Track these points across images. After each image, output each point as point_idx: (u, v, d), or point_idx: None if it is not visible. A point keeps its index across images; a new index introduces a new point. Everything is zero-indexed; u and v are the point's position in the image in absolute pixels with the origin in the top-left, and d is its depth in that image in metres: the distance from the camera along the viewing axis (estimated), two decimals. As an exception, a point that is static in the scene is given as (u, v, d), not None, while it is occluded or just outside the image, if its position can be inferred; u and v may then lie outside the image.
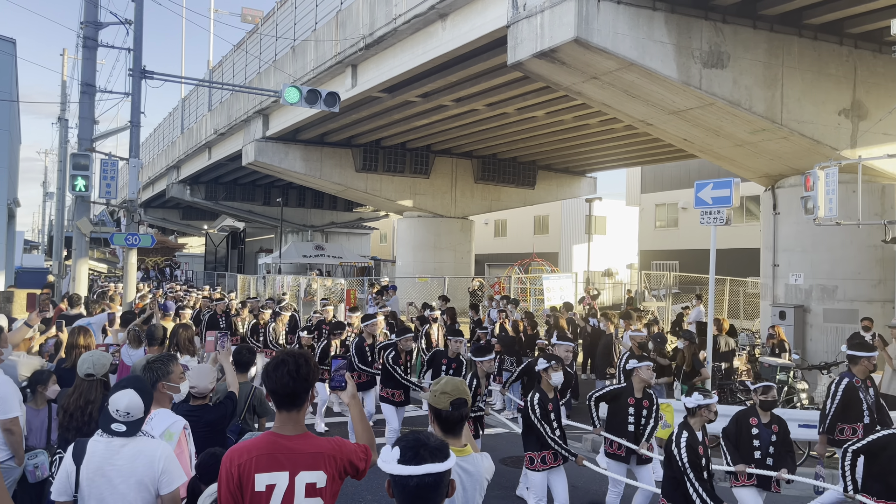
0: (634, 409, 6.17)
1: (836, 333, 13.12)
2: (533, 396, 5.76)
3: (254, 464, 2.61)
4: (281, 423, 2.74)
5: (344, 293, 18.24)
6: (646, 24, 11.12)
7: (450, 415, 3.00)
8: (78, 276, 12.63)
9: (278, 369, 2.70)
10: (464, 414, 3.02)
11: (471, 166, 27.65)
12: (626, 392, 6.28)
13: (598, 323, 11.55)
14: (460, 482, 2.82)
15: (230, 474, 2.62)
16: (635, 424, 6.16)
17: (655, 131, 14.27)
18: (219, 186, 38.01)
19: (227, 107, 26.61)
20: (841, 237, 12.92)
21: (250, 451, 2.65)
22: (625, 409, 6.20)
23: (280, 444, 2.68)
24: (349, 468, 2.76)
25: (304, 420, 2.81)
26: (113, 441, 3.19)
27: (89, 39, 12.64)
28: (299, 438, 2.71)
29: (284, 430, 2.72)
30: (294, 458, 2.65)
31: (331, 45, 18.37)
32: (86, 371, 4.24)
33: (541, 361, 5.91)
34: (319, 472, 2.66)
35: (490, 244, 40.57)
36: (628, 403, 6.21)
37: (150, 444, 3.21)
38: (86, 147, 12.36)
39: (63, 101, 27.77)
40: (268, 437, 2.72)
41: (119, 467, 3.12)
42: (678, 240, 32.13)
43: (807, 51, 12.51)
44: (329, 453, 2.70)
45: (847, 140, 12.70)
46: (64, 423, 4.14)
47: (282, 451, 2.65)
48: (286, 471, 2.62)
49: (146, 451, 3.17)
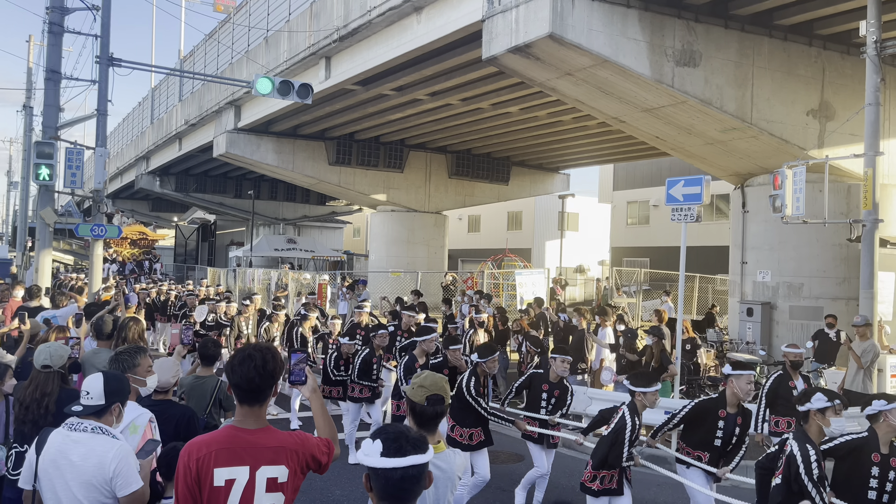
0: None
1: (802, 330, 13.36)
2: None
3: (213, 458, 2.54)
4: (242, 417, 2.67)
5: (316, 288, 18.09)
6: (620, 22, 11.17)
7: (424, 410, 2.97)
8: (41, 267, 12.33)
9: (244, 364, 2.63)
10: (439, 411, 2.98)
11: (445, 161, 27.61)
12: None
13: (569, 318, 11.60)
14: (435, 477, 2.79)
15: (188, 468, 2.55)
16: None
17: (628, 129, 14.37)
18: (189, 178, 37.46)
19: (199, 97, 26.22)
20: (807, 236, 13.14)
21: (209, 444, 2.58)
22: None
23: (241, 437, 2.61)
24: (311, 462, 2.71)
25: (266, 413, 2.75)
26: (70, 435, 3.10)
27: (55, 25, 12.34)
28: (261, 432, 2.65)
29: (245, 424, 2.66)
30: (255, 452, 2.59)
31: (304, 37, 18.18)
32: (42, 362, 4.12)
33: None
34: (281, 466, 2.60)
35: (464, 239, 40.58)
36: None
37: (104, 445, 3.06)
38: (50, 135, 12.06)
39: (29, 88, 27.14)
40: (228, 431, 2.65)
41: (72, 463, 3.02)
42: (649, 237, 32.44)
43: (777, 51, 12.68)
44: (291, 447, 2.65)
45: (815, 140, 12.90)
46: (20, 416, 4.01)
47: (242, 446, 2.59)
48: (246, 465, 2.56)
49: (98, 451, 3.03)
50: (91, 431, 3.10)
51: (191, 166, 35.07)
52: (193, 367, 5.54)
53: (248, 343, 2.87)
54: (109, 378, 3.23)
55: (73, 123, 13.30)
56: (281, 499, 2.62)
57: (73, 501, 3.04)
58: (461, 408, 6.12)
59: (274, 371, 2.67)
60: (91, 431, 3.10)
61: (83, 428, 3.11)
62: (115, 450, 3.04)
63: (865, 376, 9.38)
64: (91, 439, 3.07)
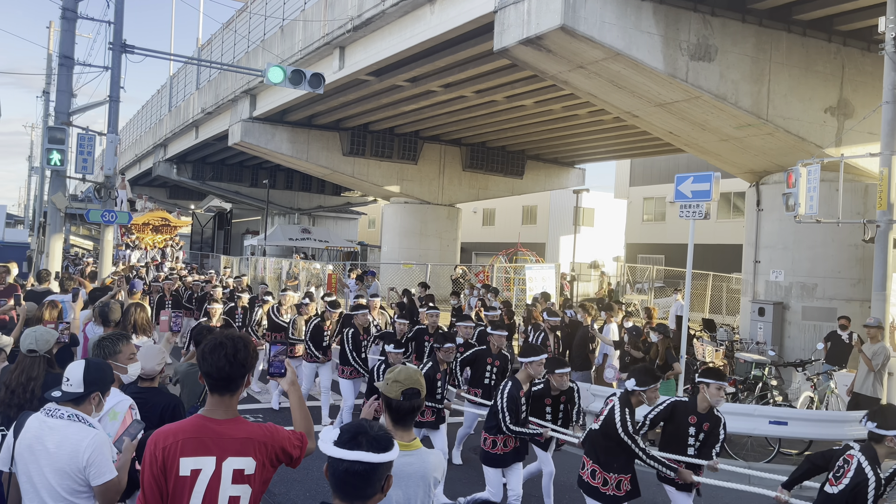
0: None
1: (815, 331, 13.15)
2: None
3: (179, 447, 2.51)
4: (212, 407, 2.64)
5: (325, 278, 18.10)
6: (633, 14, 11.01)
7: (401, 405, 2.91)
8: (52, 251, 12.44)
9: (215, 352, 2.59)
10: (416, 405, 2.93)
11: (459, 154, 27.50)
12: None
13: (575, 314, 11.49)
14: (403, 477, 2.73)
15: (154, 457, 2.52)
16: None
17: (642, 123, 14.19)
18: (206, 166, 37.66)
19: (215, 86, 26.29)
20: (822, 235, 12.91)
21: (176, 434, 2.55)
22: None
23: (209, 427, 2.58)
24: (282, 455, 2.66)
25: (237, 404, 2.71)
26: (47, 421, 3.08)
27: (68, 11, 12.40)
28: (229, 423, 2.61)
29: (215, 415, 2.62)
30: (222, 443, 2.55)
31: (319, 26, 18.14)
32: (28, 346, 4.12)
33: None
34: (248, 458, 2.56)
35: (478, 232, 40.48)
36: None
37: (79, 433, 3.04)
38: (62, 121, 12.14)
39: (48, 73, 27.32)
40: (196, 421, 2.62)
41: (46, 450, 3.01)
42: (665, 234, 32.16)
43: (795, 47, 12.43)
44: (260, 440, 2.60)
45: (832, 138, 12.66)
46: (6, 400, 4.00)
47: (210, 436, 2.55)
48: (213, 456, 2.52)
49: (73, 439, 3.01)
50: (67, 419, 3.08)
51: (207, 154, 35.24)
52: (190, 354, 5.52)
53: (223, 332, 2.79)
54: (91, 366, 3.20)
55: (85, 109, 13.37)
56: (248, 491, 2.58)
57: (47, 487, 3.03)
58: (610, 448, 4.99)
59: (245, 360, 2.63)
60: (67, 419, 3.08)
61: (60, 415, 3.09)
62: (89, 438, 3.02)
63: (876, 379, 9.21)
64: (66, 426, 3.05)
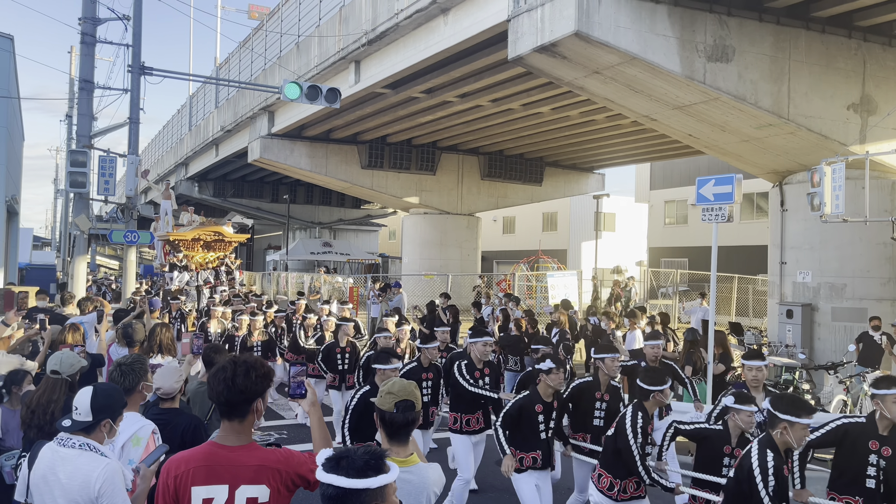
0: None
1: (845, 333, 12.86)
2: None
3: (191, 476, 2.48)
4: (224, 433, 2.60)
5: (347, 291, 18.12)
6: (648, 18, 10.91)
7: (394, 418, 2.83)
8: (76, 273, 12.58)
9: (216, 377, 2.56)
10: (410, 418, 2.85)
11: (477, 163, 27.47)
12: None
13: (598, 321, 11.37)
14: (402, 494, 2.66)
15: (166, 486, 2.49)
16: None
17: (660, 127, 14.05)
18: (227, 183, 38.04)
19: (234, 104, 26.58)
20: (850, 234, 12.65)
21: (188, 462, 2.52)
22: None
23: (220, 455, 2.53)
24: (298, 480, 2.60)
25: (251, 430, 2.66)
26: (59, 451, 3.04)
27: (87, 35, 12.59)
28: (242, 450, 2.57)
29: (227, 441, 2.58)
30: (235, 470, 2.51)
31: (334, 41, 18.26)
32: (52, 368, 4.12)
33: None
34: (262, 485, 2.51)
35: (498, 241, 40.38)
36: None
37: (90, 463, 2.98)
38: (84, 144, 12.32)
39: (70, 98, 27.86)
40: (208, 448, 2.58)
41: (59, 481, 2.97)
42: (687, 237, 31.80)
43: (814, 44, 12.24)
44: (273, 466, 2.55)
45: (856, 135, 12.42)
46: (26, 420, 3.98)
47: (222, 463, 2.51)
48: (226, 484, 2.48)
49: (84, 469, 2.95)
50: (79, 448, 3.03)
51: (228, 172, 35.59)
52: (185, 366, 5.20)
53: None
54: (98, 393, 3.12)
55: (105, 132, 13.56)
56: None
57: None
58: None
59: (244, 387, 2.55)
60: (79, 448, 3.03)
61: (71, 444, 3.05)
62: (100, 468, 2.95)
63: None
64: (78, 456, 3.00)
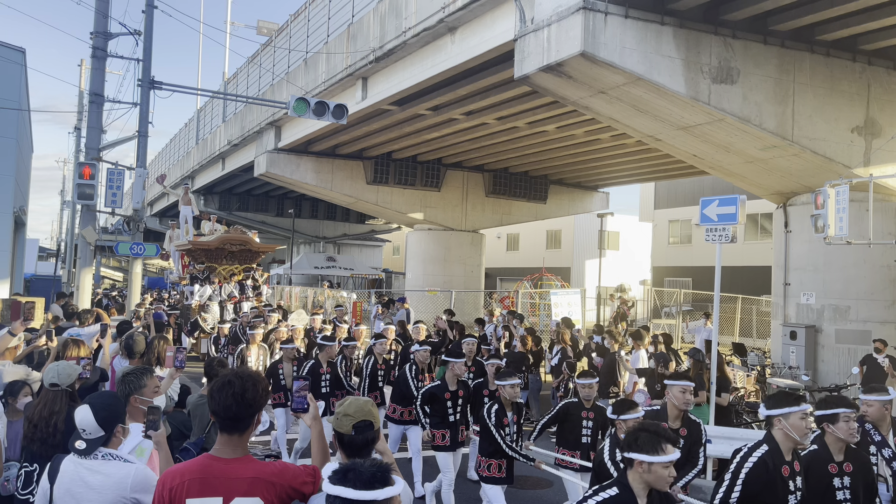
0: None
1: (849, 355, 12.84)
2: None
3: (185, 488, 2.50)
4: (220, 446, 2.63)
5: (350, 307, 18.14)
6: (654, 39, 11.01)
7: (352, 439, 2.79)
8: (82, 285, 12.63)
9: (223, 391, 2.59)
10: (369, 438, 2.80)
11: (482, 180, 27.57)
12: None
13: (602, 340, 11.36)
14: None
15: (161, 498, 2.52)
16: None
17: (665, 147, 14.11)
18: (232, 197, 38.20)
19: (241, 118, 26.77)
20: (854, 257, 12.66)
21: (183, 474, 2.55)
22: None
23: (215, 467, 2.56)
24: (292, 493, 2.62)
25: (248, 442, 2.69)
26: (83, 462, 3.09)
27: (98, 50, 12.74)
28: (237, 462, 2.59)
29: (222, 454, 2.61)
30: (229, 483, 2.53)
31: (342, 58, 18.42)
32: (50, 381, 4.14)
33: None
34: (256, 498, 2.53)
35: (502, 258, 40.40)
36: None
37: (120, 470, 3.05)
38: (92, 156, 12.43)
39: (80, 110, 28.10)
40: (203, 461, 2.61)
41: (90, 488, 3.01)
42: (691, 257, 31.80)
43: (819, 67, 12.32)
44: (267, 479, 2.57)
45: (860, 158, 12.47)
46: (28, 434, 4.01)
47: (216, 476, 2.54)
48: (219, 496, 2.50)
49: (116, 475, 3.02)
50: (103, 458, 3.11)
51: (234, 185, 35.75)
52: (167, 380, 5.06)
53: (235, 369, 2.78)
54: (98, 408, 3.18)
55: (114, 145, 13.69)
56: None
57: None
58: None
59: (253, 400, 2.61)
60: (103, 458, 3.11)
61: (94, 455, 3.12)
62: (132, 473, 3.05)
63: (915, 405, 8.93)
64: (105, 465, 3.08)
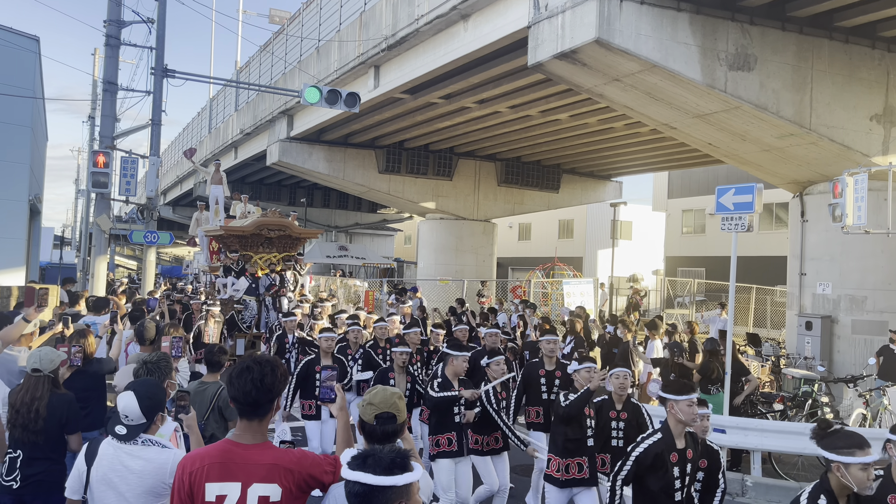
0: None
1: (865, 345, 12.70)
2: None
3: (205, 472, 2.50)
4: (240, 431, 2.63)
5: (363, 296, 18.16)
6: (669, 25, 10.87)
7: (373, 429, 2.81)
8: (97, 273, 12.71)
9: (242, 376, 2.58)
10: (389, 430, 2.81)
11: (494, 169, 27.47)
12: None
13: (615, 330, 11.30)
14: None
15: (181, 482, 2.53)
16: None
17: (680, 135, 13.97)
18: (245, 186, 38.28)
19: (253, 107, 26.78)
20: (871, 246, 12.51)
21: (203, 458, 2.55)
22: None
23: (235, 453, 2.56)
24: (311, 482, 2.61)
25: (267, 428, 2.68)
26: (122, 447, 3.12)
27: (112, 38, 12.76)
28: (257, 448, 2.58)
29: (242, 439, 2.60)
30: (248, 468, 2.52)
31: (354, 46, 18.35)
32: (32, 366, 4.15)
33: None
34: (274, 484, 2.52)
35: (514, 247, 40.30)
36: None
37: (160, 455, 3.10)
38: (106, 144, 12.47)
39: (94, 99, 28.21)
40: (223, 446, 2.61)
41: (126, 476, 3.04)
42: (705, 246, 31.58)
43: (838, 54, 12.13)
44: (286, 466, 2.56)
45: (879, 146, 12.29)
46: (11, 420, 4.03)
47: (236, 461, 2.53)
48: (238, 481, 2.50)
49: (157, 460, 3.07)
50: (142, 444, 3.16)
51: (246, 174, 35.84)
52: (206, 375, 5.14)
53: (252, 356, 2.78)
54: (141, 395, 3.20)
55: (128, 133, 13.73)
56: None
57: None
58: None
59: (272, 385, 2.60)
60: (142, 444, 3.16)
61: (133, 441, 3.15)
62: (172, 458, 3.07)
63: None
64: (144, 451, 3.12)
